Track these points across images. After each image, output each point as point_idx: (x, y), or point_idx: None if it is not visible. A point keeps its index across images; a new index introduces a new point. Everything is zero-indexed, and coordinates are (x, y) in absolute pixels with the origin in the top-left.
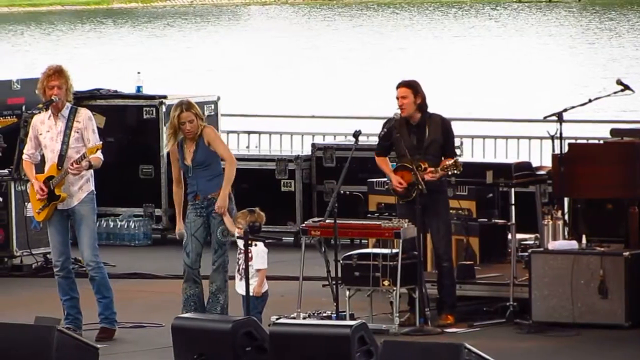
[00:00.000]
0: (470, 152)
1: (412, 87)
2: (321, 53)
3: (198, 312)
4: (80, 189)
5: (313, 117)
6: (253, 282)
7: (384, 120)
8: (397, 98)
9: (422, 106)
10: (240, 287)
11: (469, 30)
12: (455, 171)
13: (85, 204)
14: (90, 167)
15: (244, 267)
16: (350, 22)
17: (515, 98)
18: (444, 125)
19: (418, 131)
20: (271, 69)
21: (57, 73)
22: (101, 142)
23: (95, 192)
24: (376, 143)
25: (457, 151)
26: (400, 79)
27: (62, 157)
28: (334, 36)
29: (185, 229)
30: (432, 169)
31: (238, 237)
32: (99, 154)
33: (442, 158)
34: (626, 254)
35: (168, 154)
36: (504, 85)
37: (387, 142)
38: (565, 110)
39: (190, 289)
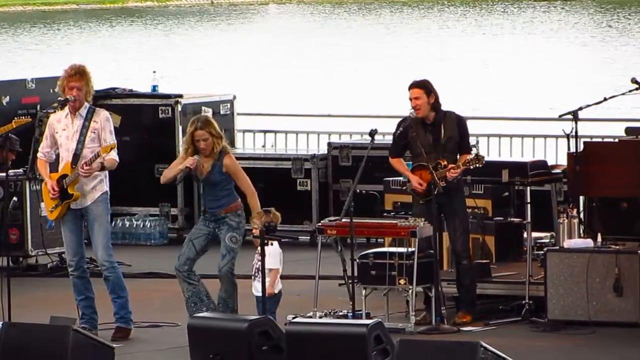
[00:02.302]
0: (485, 151)
1: (424, 87)
2: (337, 51)
3: (202, 310)
4: (94, 189)
5: (329, 116)
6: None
7: (399, 120)
8: (410, 99)
9: (436, 105)
10: (255, 287)
11: (483, 28)
12: (477, 164)
13: (98, 203)
14: (102, 169)
15: (258, 267)
16: (366, 21)
17: (530, 96)
18: (459, 122)
19: (434, 129)
20: (287, 68)
21: (79, 74)
22: (115, 142)
23: (109, 192)
24: (392, 142)
25: (473, 150)
26: (412, 79)
27: (76, 156)
28: (349, 34)
29: (189, 234)
30: (453, 165)
31: (254, 237)
32: (114, 154)
33: (459, 155)
34: None
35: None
36: (518, 83)
37: (403, 142)
38: (580, 108)
39: (187, 290)
